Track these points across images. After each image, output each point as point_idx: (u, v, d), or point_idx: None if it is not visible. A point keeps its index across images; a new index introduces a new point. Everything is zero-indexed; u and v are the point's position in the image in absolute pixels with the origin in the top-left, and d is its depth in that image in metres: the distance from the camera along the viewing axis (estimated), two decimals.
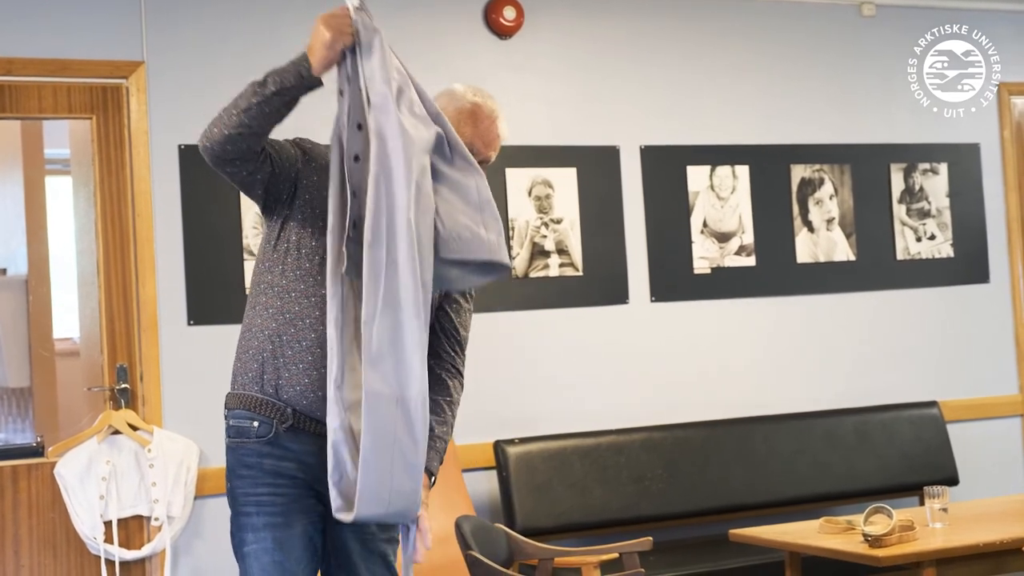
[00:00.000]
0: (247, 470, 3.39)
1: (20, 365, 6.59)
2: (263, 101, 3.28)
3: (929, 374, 6.92)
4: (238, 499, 3.41)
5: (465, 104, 3.64)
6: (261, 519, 3.38)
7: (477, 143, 3.57)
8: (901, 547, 4.72)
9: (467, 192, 3.31)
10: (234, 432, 3.43)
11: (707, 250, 6.44)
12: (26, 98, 5.42)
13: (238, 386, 3.45)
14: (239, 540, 3.42)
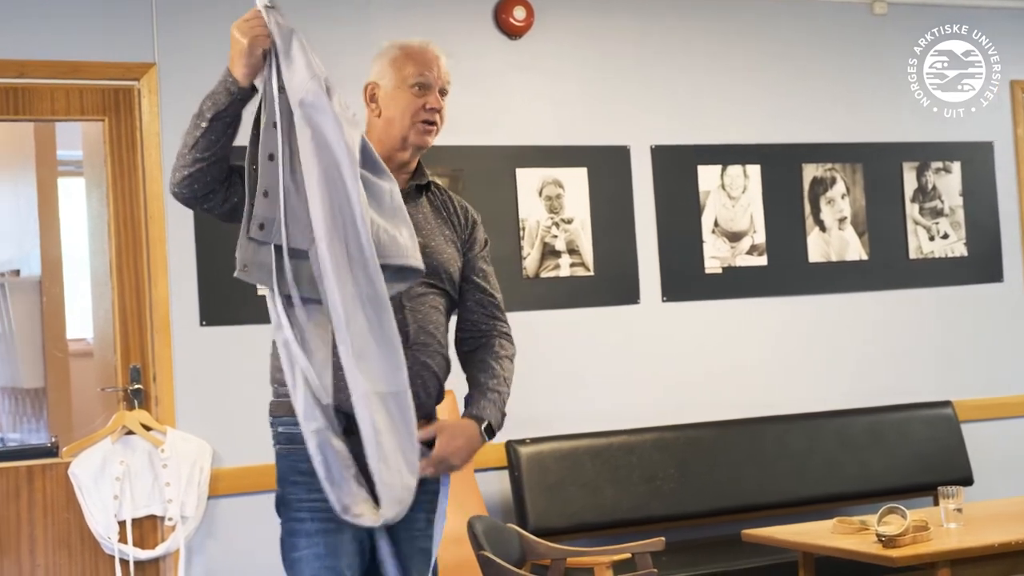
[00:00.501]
0: (300, 476, 3.35)
1: (34, 366, 6.62)
2: (207, 130, 3.26)
3: (943, 373, 6.91)
4: (291, 505, 3.39)
5: (394, 52, 3.64)
6: (314, 525, 3.35)
7: (425, 72, 3.57)
8: (915, 547, 4.71)
9: (381, 197, 3.27)
10: (285, 439, 3.40)
11: (718, 250, 6.44)
12: (39, 100, 5.43)
13: (284, 392, 3.36)
14: (290, 545, 3.39)
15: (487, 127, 6.07)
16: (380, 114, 3.56)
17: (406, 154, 3.57)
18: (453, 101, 6.07)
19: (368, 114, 3.59)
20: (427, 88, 3.56)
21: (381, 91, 3.58)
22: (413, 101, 3.54)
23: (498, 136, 6.08)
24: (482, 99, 6.08)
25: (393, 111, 3.54)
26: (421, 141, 3.55)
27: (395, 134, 3.54)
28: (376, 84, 3.59)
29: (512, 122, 6.12)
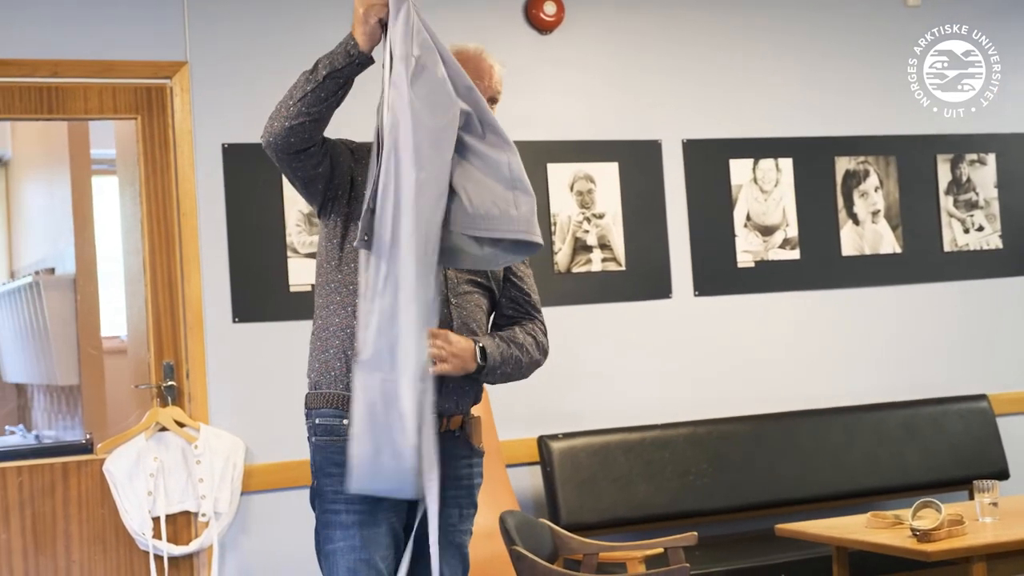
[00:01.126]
0: (337, 468, 3.35)
1: (69, 363, 6.65)
2: (317, 87, 3.31)
3: (978, 367, 6.87)
4: (326, 496, 3.41)
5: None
6: (350, 516, 3.38)
7: (476, 81, 3.50)
8: (950, 542, 4.68)
9: (498, 168, 3.26)
10: (323, 431, 3.43)
11: (751, 244, 6.42)
12: (72, 99, 5.46)
13: (323, 385, 3.44)
14: (325, 537, 3.42)
15: (518, 122, 6.05)
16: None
17: None
18: None
19: None
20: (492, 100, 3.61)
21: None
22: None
23: (529, 131, 6.07)
24: (513, 94, 6.02)
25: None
26: None
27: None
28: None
29: (543, 117, 6.12)
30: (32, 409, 7.53)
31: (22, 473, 5.31)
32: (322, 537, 3.43)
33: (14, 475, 5.30)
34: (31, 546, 5.28)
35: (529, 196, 3.29)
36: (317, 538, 3.46)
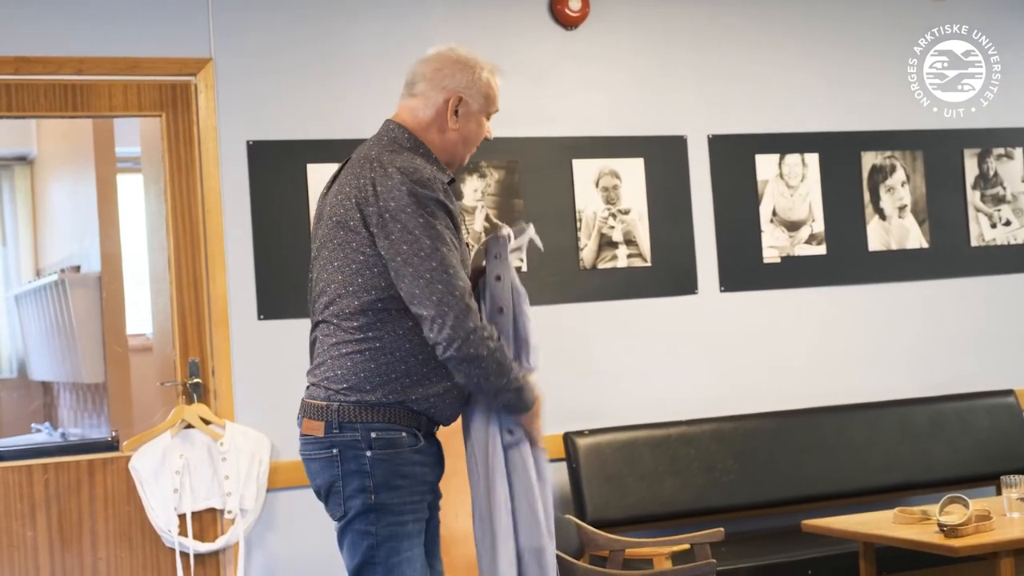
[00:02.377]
0: (403, 479, 3.47)
1: (95, 361, 6.68)
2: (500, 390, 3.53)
3: (1005, 362, 6.84)
4: (392, 509, 3.46)
5: (489, 77, 3.71)
6: (416, 526, 3.52)
7: (497, 106, 3.73)
8: (978, 537, 4.67)
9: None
10: (383, 444, 3.46)
11: (777, 239, 6.40)
12: (97, 97, 5.47)
13: (381, 399, 3.48)
14: (391, 549, 3.47)
15: (543, 118, 6.07)
16: (457, 131, 3.63)
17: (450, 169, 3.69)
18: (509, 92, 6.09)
19: (436, 121, 3.64)
20: (489, 118, 3.72)
21: (467, 109, 3.64)
22: (481, 130, 3.68)
23: (554, 127, 6.07)
24: (538, 90, 6.07)
25: (469, 134, 3.66)
26: (464, 162, 3.76)
27: (462, 152, 3.68)
28: (464, 100, 3.63)
29: (568, 113, 6.11)
30: (58, 407, 7.57)
31: (48, 471, 5.33)
32: (387, 550, 3.46)
33: (40, 473, 5.31)
34: (57, 543, 5.30)
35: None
36: (377, 552, 3.46)
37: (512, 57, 6.03)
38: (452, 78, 3.62)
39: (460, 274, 3.43)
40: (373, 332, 3.46)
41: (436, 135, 3.61)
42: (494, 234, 3.77)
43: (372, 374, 3.46)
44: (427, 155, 3.58)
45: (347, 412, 3.46)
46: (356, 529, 3.48)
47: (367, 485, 3.44)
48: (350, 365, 3.47)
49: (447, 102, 3.61)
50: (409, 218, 3.40)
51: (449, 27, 5.94)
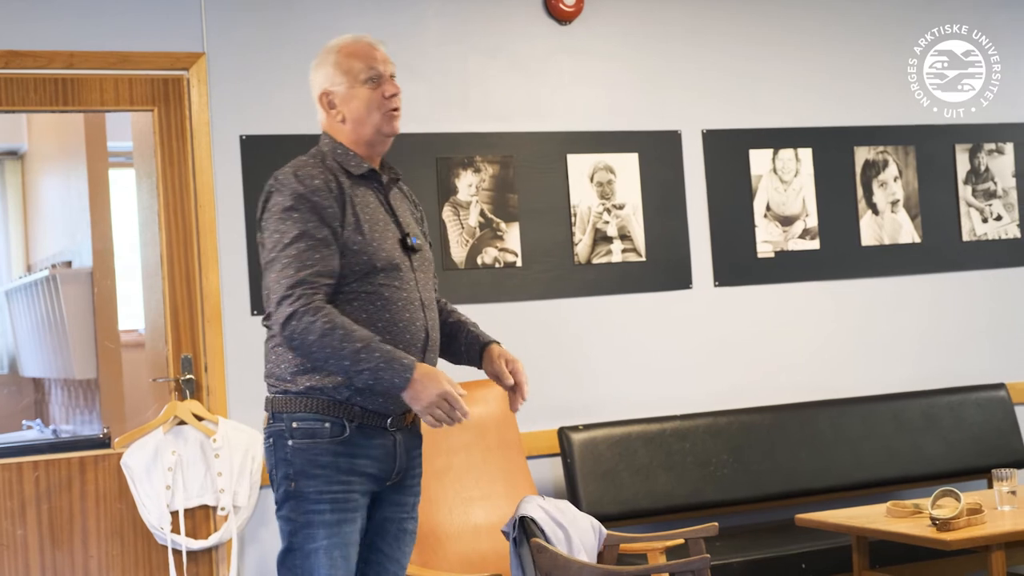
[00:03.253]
0: (320, 469, 3.50)
1: (86, 357, 6.66)
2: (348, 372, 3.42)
3: (996, 356, 6.86)
4: (308, 497, 3.50)
5: (333, 56, 3.71)
6: (334, 515, 3.51)
7: (372, 64, 3.67)
8: (969, 530, 4.69)
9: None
10: (302, 434, 3.52)
11: (770, 234, 6.40)
12: (88, 91, 5.45)
13: (297, 390, 3.54)
14: (307, 536, 3.50)
15: (537, 113, 6.06)
16: (344, 119, 3.68)
17: (385, 144, 3.72)
18: (503, 86, 6.10)
19: (330, 121, 3.71)
20: (380, 78, 3.67)
21: (337, 96, 3.68)
22: (372, 95, 3.65)
23: (548, 122, 6.07)
24: (532, 85, 6.07)
25: (357, 110, 3.66)
26: (392, 128, 3.69)
27: (368, 131, 3.66)
28: (329, 91, 3.69)
29: (562, 108, 6.10)
30: (49, 403, 7.54)
31: (39, 468, 5.30)
32: (302, 536, 3.51)
33: (31, 470, 5.29)
34: (48, 541, 5.27)
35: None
36: (293, 538, 3.53)
37: (507, 52, 6.03)
38: (314, 80, 3.73)
39: (289, 261, 3.45)
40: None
41: (339, 130, 3.69)
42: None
43: (291, 364, 3.53)
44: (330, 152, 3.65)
45: (278, 403, 3.56)
46: (280, 515, 3.56)
47: (288, 473, 3.52)
48: (274, 358, 3.59)
49: (320, 102, 3.71)
50: (265, 222, 3.55)
51: (443, 22, 5.93)
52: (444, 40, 5.93)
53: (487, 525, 5.25)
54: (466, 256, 5.84)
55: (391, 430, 3.59)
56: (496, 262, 5.90)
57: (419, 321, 3.61)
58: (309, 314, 3.39)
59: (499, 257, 5.91)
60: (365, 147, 3.67)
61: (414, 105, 5.82)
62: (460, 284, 5.82)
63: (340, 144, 3.66)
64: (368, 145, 3.67)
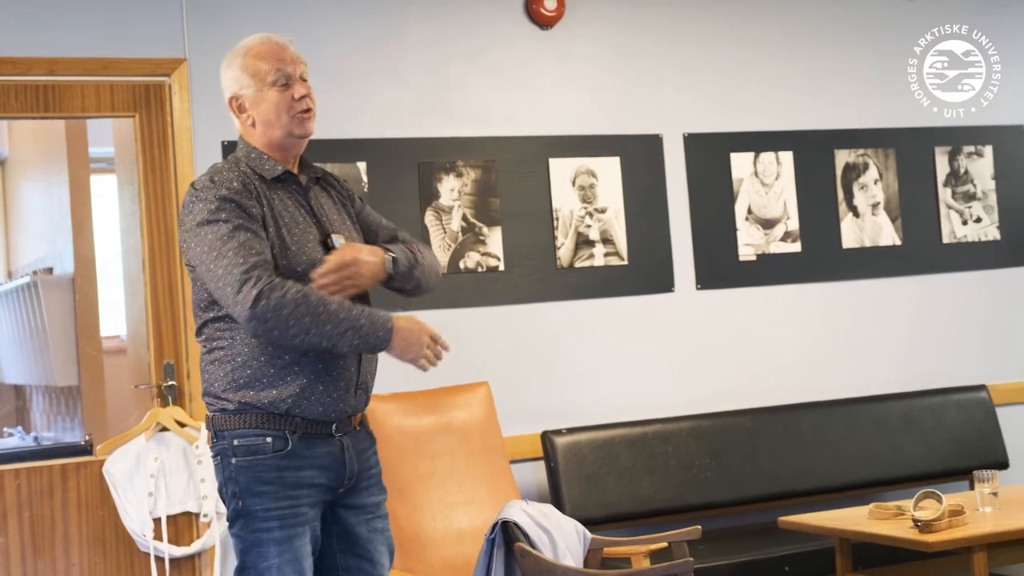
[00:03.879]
0: (266, 486, 3.47)
1: (68, 364, 6.63)
2: (331, 338, 3.40)
3: (977, 357, 6.88)
4: (256, 515, 3.47)
5: (240, 58, 3.67)
6: (283, 532, 3.47)
7: (280, 65, 3.61)
8: (951, 532, 4.70)
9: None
10: (245, 451, 3.48)
11: (752, 237, 6.42)
12: (69, 97, 5.43)
13: (237, 408, 3.50)
14: (258, 555, 3.47)
15: (519, 117, 6.06)
16: (254, 122, 3.62)
17: (299, 146, 3.66)
18: (485, 91, 6.10)
19: (242, 125, 3.66)
20: (288, 79, 3.61)
21: (246, 99, 3.63)
22: (281, 97, 3.59)
23: (530, 126, 6.07)
24: (514, 89, 6.07)
25: (267, 113, 3.60)
26: (304, 130, 3.62)
27: (278, 134, 3.60)
28: (238, 95, 3.63)
29: (544, 112, 6.11)
30: (31, 411, 7.50)
31: (20, 475, 5.28)
32: (254, 555, 3.48)
33: (12, 478, 5.27)
34: (30, 549, 5.25)
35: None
36: (246, 557, 3.50)
37: (488, 56, 6.03)
38: (224, 86, 3.68)
39: (235, 253, 3.39)
40: (216, 342, 3.52)
41: (251, 134, 3.64)
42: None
43: (223, 382, 3.50)
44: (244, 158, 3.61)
45: (217, 421, 3.53)
46: (232, 533, 3.53)
47: (235, 491, 3.48)
48: (208, 377, 3.55)
49: (230, 106, 3.66)
50: (191, 231, 3.48)
51: (424, 27, 5.93)
52: (425, 45, 5.93)
53: (471, 530, 5.24)
54: (448, 260, 5.84)
55: (337, 436, 3.56)
56: (479, 266, 5.91)
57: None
58: (277, 289, 3.34)
59: (481, 261, 5.91)
60: (278, 150, 3.61)
61: (396, 110, 5.84)
62: (442, 288, 5.81)
63: (254, 148, 3.60)
64: (281, 148, 3.61)
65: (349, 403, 3.57)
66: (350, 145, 5.72)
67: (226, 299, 3.39)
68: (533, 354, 5.98)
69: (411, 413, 5.35)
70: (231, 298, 3.36)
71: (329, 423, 3.53)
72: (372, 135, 5.80)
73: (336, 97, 5.64)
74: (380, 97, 5.85)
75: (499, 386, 5.74)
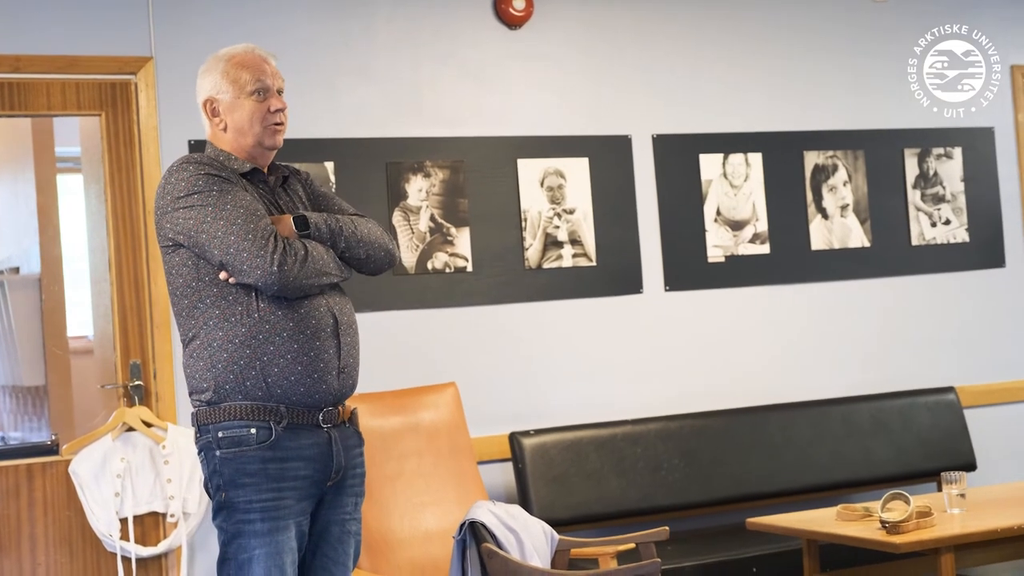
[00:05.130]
0: (248, 477, 3.49)
1: (35, 363, 6.59)
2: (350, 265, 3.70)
3: (946, 360, 6.89)
4: (238, 507, 3.49)
5: (222, 64, 3.71)
6: (265, 524, 3.49)
7: (260, 77, 3.67)
8: (919, 533, 4.71)
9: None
10: (229, 443, 3.50)
11: (721, 238, 6.42)
12: (35, 95, 5.41)
13: (221, 399, 3.51)
14: (238, 547, 3.50)
15: (487, 118, 6.06)
16: (226, 127, 3.68)
17: (266, 157, 3.71)
18: (453, 91, 6.09)
19: (212, 128, 3.70)
20: (267, 91, 3.68)
21: (221, 104, 3.68)
22: (257, 107, 3.66)
23: (499, 127, 6.07)
24: (482, 90, 6.06)
25: (240, 121, 3.66)
26: (274, 142, 3.69)
27: (249, 141, 3.67)
28: (214, 99, 3.68)
29: (513, 113, 6.10)
30: None
31: None
32: (234, 547, 3.51)
33: None
34: None
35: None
36: (227, 548, 3.53)
37: (457, 56, 6.02)
38: (201, 88, 3.72)
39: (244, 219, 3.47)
40: (192, 331, 3.55)
41: (221, 138, 3.69)
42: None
43: (202, 372, 3.53)
44: (212, 156, 3.64)
45: (202, 415, 3.55)
46: (215, 525, 3.56)
47: (219, 483, 3.51)
48: (188, 371, 3.58)
49: (203, 108, 3.70)
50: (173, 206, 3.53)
51: (393, 27, 5.92)
52: (394, 45, 5.92)
53: (438, 531, 5.24)
54: (416, 261, 5.83)
55: (324, 426, 3.57)
56: (446, 267, 5.90)
57: (323, 306, 3.57)
58: (291, 248, 3.48)
59: (449, 262, 5.90)
60: (246, 156, 3.67)
61: (364, 110, 5.83)
62: (410, 289, 5.81)
63: (222, 151, 3.66)
64: (248, 156, 3.67)
65: (332, 386, 3.57)
66: (318, 145, 5.71)
67: (243, 262, 3.43)
68: (501, 355, 5.97)
69: (378, 414, 5.34)
70: (252, 260, 3.42)
71: (314, 410, 3.54)
72: (340, 135, 5.78)
73: (304, 96, 5.62)
74: (348, 97, 5.84)
75: (467, 387, 5.73)
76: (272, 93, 3.67)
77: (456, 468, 5.46)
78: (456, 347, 5.91)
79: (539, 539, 4.70)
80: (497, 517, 4.57)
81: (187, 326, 3.56)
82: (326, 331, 3.56)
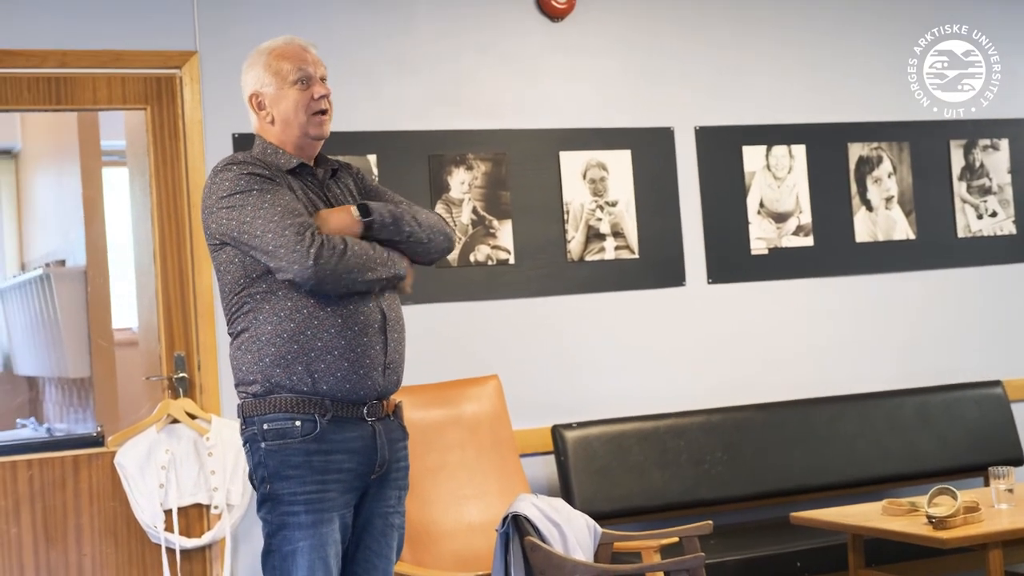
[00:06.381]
0: (293, 470, 3.51)
1: (80, 355, 6.64)
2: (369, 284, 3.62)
3: (992, 353, 6.84)
4: (283, 499, 3.52)
5: (264, 57, 3.74)
6: (309, 517, 3.51)
7: (301, 66, 3.70)
8: (966, 529, 4.68)
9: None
10: (274, 435, 3.53)
11: (764, 231, 6.39)
12: (81, 90, 5.44)
13: (269, 391, 3.53)
14: (283, 539, 3.53)
15: (530, 110, 6.05)
16: (273, 120, 3.71)
17: (314, 148, 3.75)
18: (495, 84, 6.08)
19: (260, 122, 3.74)
20: (309, 80, 3.71)
21: (267, 97, 3.71)
22: (300, 96, 3.69)
23: (541, 119, 6.06)
24: (525, 82, 6.06)
25: (286, 111, 3.70)
26: (320, 132, 3.72)
27: (295, 132, 3.70)
28: (259, 92, 3.73)
29: (555, 105, 6.09)
30: (43, 402, 7.53)
31: (32, 467, 5.30)
32: (279, 539, 3.54)
33: (25, 469, 5.28)
34: (42, 540, 5.27)
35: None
36: (271, 540, 3.56)
37: (498, 49, 6.01)
38: (245, 83, 3.76)
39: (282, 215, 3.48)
40: (240, 325, 3.59)
41: (268, 131, 3.72)
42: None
43: (249, 365, 3.56)
44: (260, 152, 3.68)
45: (247, 407, 3.58)
46: (260, 517, 3.59)
47: (264, 475, 3.54)
48: (235, 363, 3.61)
49: (250, 103, 3.74)
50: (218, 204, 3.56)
51: (435, 20, 5.92)
52: (436, 37, 5.92)
53: (481, 523, 5.24)
54: (459, 254, 5.83)
55: (369, 419, 3.58)
56: (489, 259, 5.89)
57: (371, 302, 3.59)
58: (328, 243, 3.47)
59: (492, 255, 5.90)
60: (294, 148, 3.70)
61: (406, 102, 5.83)
62: (453, 281, 5.82)
63: (270, 144, 3.70)
64: (296, 147, 3.70)
65: (377, 382, 3.59)
66: (360, 137, 5.72)
67: (281, 258, 3.44)
68: (543, 347, 5.96)
69: (421, 406, 5.35)
70: (289, 255, 3.43)
71: (359, 404, 3.56)
72: (382, 127, 5.79)
73: (347, 89, 5.62)
74: (390, 89, 5.84)
75: (509, 379, 5.73)
76: (315, 80, 3.69)
77: (498, 461, 5.46)
78: (498, 340, 5.91)
79: (582, 533, 4.69)
80: (540, 510, 4.57)
81: (236, 320, 3.60)
82: (374, 327, 3.58)
